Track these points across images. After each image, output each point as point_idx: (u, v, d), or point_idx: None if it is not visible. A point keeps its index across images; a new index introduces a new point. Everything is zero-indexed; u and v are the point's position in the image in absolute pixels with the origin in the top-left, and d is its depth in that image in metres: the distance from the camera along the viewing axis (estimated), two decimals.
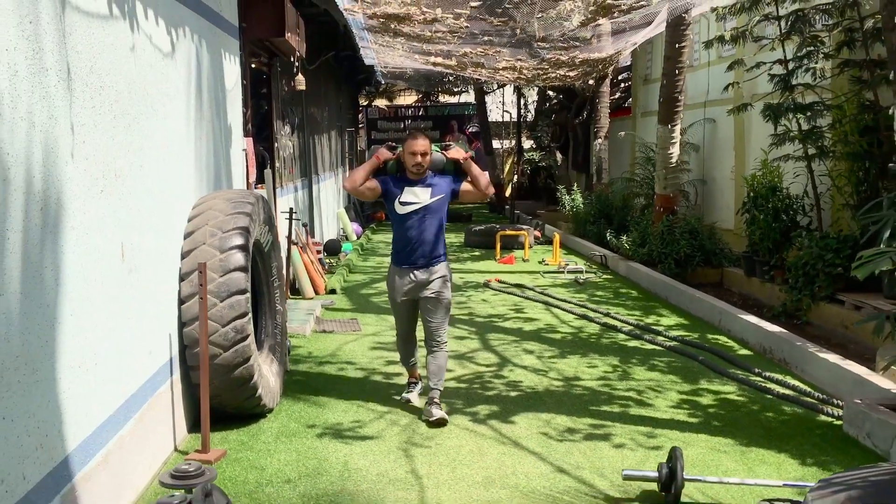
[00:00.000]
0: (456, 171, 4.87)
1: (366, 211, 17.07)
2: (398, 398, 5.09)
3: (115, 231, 3.40)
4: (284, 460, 4.08)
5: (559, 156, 19.21)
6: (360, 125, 21.93)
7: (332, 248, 11.26)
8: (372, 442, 4.37)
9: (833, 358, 5.35)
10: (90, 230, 3.13)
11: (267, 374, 4.78)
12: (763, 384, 5.34)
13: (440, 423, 4.61)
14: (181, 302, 4.26)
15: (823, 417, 4.75)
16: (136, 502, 3.55)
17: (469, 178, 4.85)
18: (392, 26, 8.59)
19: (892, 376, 4.89)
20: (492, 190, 4.93)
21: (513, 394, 5.26)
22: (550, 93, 19.74)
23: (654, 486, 3.65)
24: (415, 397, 5.02)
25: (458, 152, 4.84)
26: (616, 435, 4.47)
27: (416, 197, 4.74)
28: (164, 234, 4.10)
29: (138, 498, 3.59)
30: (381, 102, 24.40)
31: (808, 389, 5.18)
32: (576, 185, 15.16)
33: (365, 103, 23.00)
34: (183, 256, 4.33)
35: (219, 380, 4.26)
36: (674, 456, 3.52)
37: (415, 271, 4.77)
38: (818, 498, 2.68)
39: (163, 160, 4.11)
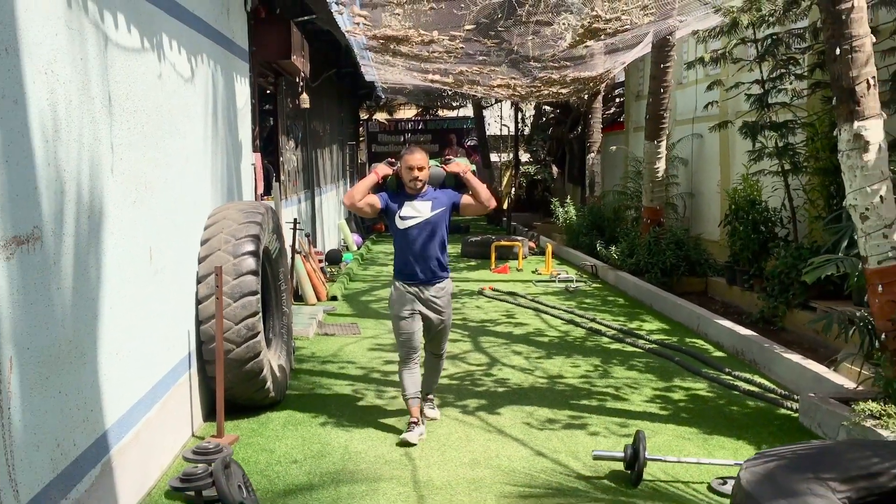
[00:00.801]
0: (456, 184, 4.87)
1: (366, 222, 17.50)
2: (395, 391, 5.52)
3: (145, 236, 3.87)
4: (291, 444, 4.53)
5: (555, 169, 19.65)
6: (361, 138, 22.37)
7: (334, 258, 11.71)
8: (370, 429, 4.82)
9: (796, 358, 5.79)
10: (125, 236, 3.59)
11: (275, 368, 5.22)
12: (732, 382, 5.78)
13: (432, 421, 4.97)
14: (198, 302, 4.72)
15: (783, 410, 5.18)
16: (161, 477, 4.01)
17: (470, 192, 4.82)
18: (391, 46, 9.07)
19: (846, 373, 5.33)
20: (493, 203, 4.82)
21: (500, 390, 5.70)
22: (547, 108, 20.19)
23: (620, 466, 4.10)
24: (414, 437, 4.56)
25: (457, 166, 4.85)
26: (592, 425, 4.92)
27: (415, 211, 4.71)
28: (183, 240, 4.57)
29: (163, 474, 4.05)
30: (381, 116, 24.86)
31: (772, 386, 5.63)
32: (570, 197, 15.60)
33: (365, 117, 23.45)
34: (200, 261, 4.79)
35: (232, 373, 4.71)
36: (637, 438, 3.96)
37: (419, 286, 4.73)
38: (752, 467, 3.13)
39: (183, 174, 4.58)
